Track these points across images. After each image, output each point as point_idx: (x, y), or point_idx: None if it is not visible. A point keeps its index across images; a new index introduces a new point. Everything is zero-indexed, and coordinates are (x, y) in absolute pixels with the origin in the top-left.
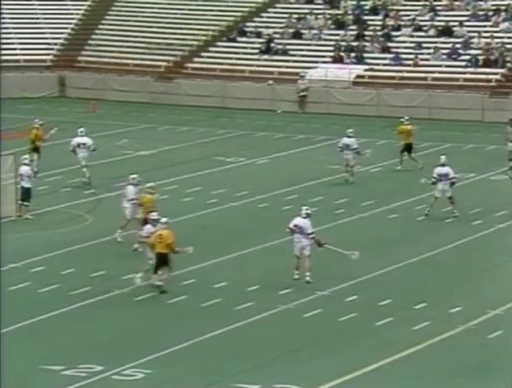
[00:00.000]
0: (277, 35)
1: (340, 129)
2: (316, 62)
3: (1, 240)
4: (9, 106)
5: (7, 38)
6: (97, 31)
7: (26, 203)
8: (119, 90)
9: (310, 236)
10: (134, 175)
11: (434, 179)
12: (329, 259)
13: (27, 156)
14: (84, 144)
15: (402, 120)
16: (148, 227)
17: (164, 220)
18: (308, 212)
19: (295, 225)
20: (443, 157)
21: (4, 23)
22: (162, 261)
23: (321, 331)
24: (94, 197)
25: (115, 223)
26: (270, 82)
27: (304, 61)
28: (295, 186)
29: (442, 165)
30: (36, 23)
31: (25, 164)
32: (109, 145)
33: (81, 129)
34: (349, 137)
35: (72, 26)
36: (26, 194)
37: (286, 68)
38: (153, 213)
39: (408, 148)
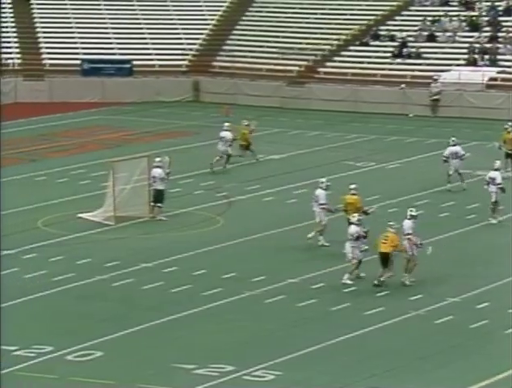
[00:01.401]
0: (411, 39)
1: (472, 134)
2: (449, 65)
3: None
4: (144, 110)
5: (143, 43)
6: (231, 37)
7: (159, 204)
8: (252, 94)
9: (404, 236)
10: (323, 179)
11: None
12: (461, 263)
13: (159, 159)
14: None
15: (506, 126)
16: (354, 227)
17: (392, 223)
18: (413, 214)
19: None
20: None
21: (140, 28)
22: (385, 261)
23: (452, 339)
24: (226, 200)
25: (246, 225)
26: (403, 85)
27: (437, 64)
28: (425, 191)
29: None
30: (172, 28)
31: (157, 167)
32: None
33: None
34: (454, 145)
35: (207, 31)
36: (159, 196)
37: (419, 71)
38: (355, 215)
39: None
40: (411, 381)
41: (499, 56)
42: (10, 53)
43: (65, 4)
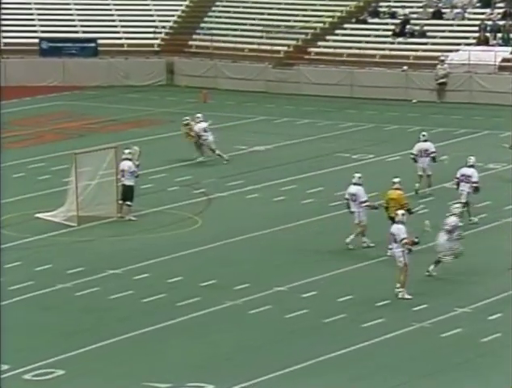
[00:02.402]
0: (414, 16)
1: (483, 121)
2: (458, 45)
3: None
4: (111, 95)
5: (109, 20)
6: (210, 13)
7: (128, 202)
8: (233, 77)
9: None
10: (357, 174)
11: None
12: (469, 270)
13: (129, 150)
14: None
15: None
16: (399, 227)
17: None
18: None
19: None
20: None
21: (106, 3)
22: None
23: (460, 354)
24: (204, 197)
25: (227, 226)
26: (405, 67)
27: (444, 43)
28: (430, 187)
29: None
30: (142, 4)
31: (127, 159)
32: (222, 140)
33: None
34: (425, 141)
35: (182, 7)
36: (128, 192)
37: (423, 51)
38: (400, 211)
39: None
40: None
41: None
42: None
43: None
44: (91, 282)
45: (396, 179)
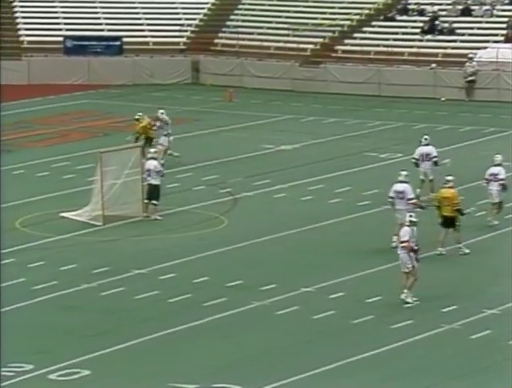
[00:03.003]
0: (443, 13)
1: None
2: (486, 42)
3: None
4: (136, 93)
5: (135, 18)
6: (236, 11)
7: (154, 202)
8: (260, 76)
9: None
10: (404, 172)
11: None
12: (499, 270)
13: (154, 149)
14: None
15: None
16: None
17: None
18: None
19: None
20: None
21: (131, 1)
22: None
23: (489, 356)
24: (231, 197)
25: (253, 226)
26: (434, 65)
27: (472, 40)
28: (460, 186)
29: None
30: (168, 2)
31: (152, 158)
32: (248, 139)
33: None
34: (427, 145)
35: (209, 5)
36: (154, 192)
37: (452, 49)
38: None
39: None
40: None
41: None
42: None
43: None
44: (116, 282)
45: (450, 177)
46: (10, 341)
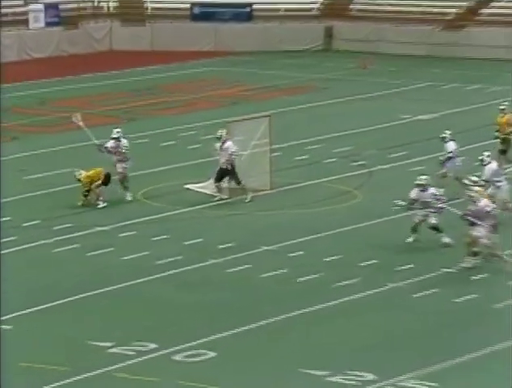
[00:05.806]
0: None
1: None
2: None
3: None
4: (265, 61)
5: None
6: None
7: None
8: (397, 41)
9: None
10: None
11: None
12: None
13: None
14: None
15: (502, 107)
16: None
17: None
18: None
19: None
20: None
21: None
22: None
23: None
24: (365, 170)
25: (389, 201)
26: None
27: None
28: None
29: None
30: None
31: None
32: (383, 108)
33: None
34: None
35: None
36: None
37: None
38: None
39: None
40: None
41: None
42: None
43: None
44: (243, 259)
45: None
46: (131, 319)
